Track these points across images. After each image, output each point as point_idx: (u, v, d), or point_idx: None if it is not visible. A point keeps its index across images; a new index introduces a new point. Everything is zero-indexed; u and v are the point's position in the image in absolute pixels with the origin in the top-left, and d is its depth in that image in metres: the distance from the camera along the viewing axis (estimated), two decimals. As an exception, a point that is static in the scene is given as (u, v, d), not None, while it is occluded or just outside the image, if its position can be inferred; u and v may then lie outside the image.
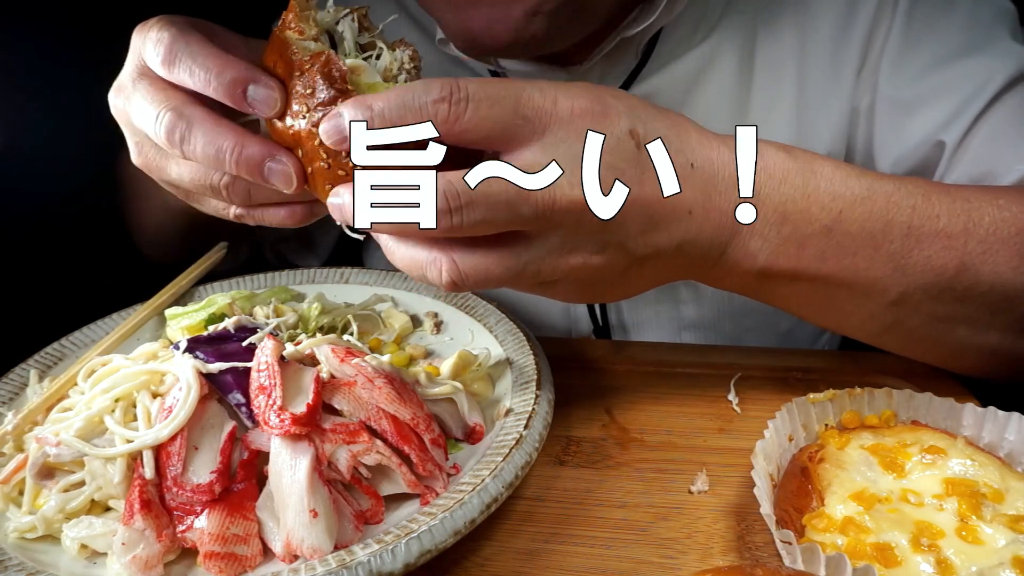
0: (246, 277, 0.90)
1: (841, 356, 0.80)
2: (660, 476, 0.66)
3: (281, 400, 0.57)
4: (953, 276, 0.64)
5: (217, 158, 0.56)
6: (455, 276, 0.54)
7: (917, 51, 0.83)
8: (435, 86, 0.51)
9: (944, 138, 0.80)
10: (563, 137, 0.53)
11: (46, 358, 0.78)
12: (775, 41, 0.89)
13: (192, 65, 0.55)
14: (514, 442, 0.61)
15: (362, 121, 0.51)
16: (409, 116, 0.51)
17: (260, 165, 0.56)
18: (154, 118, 0.57)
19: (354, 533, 0.56)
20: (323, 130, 0.52)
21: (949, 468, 0.56)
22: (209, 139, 0.56)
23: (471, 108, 0.51)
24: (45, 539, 0.59)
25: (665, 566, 0.57)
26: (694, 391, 0.76)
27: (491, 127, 0.52)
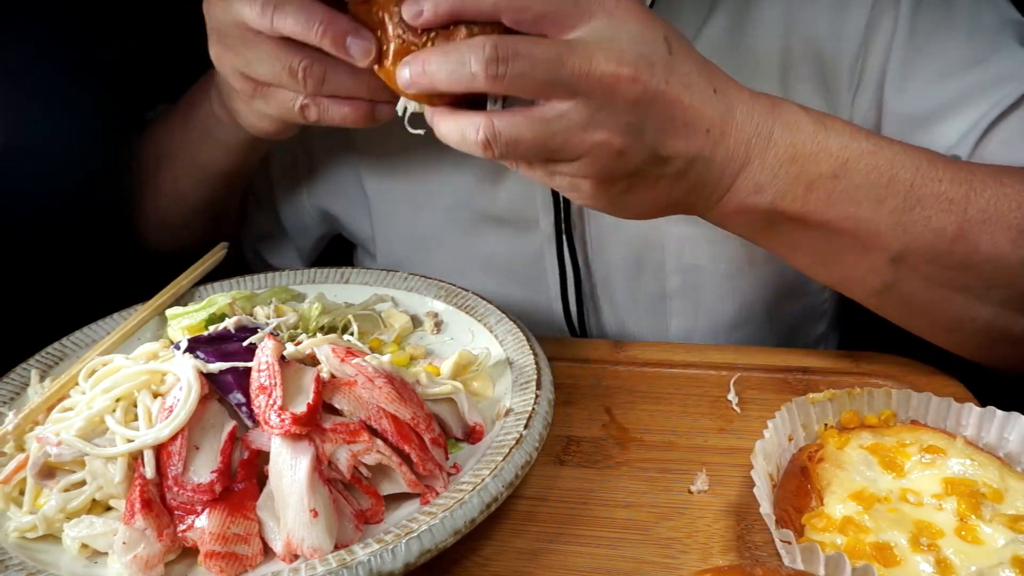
0: (246, 277, 0.90)
1: (841, 356, 0.80)
2: (660, 476, 0.66)
3: (281, 400, 0.57)
4: (952, 240, 0.66)
5: (307, 27, 0.62)
6: (490, 134, 0.59)
7: (921, 65, 0.82)
8: None
9: (958, 153, 0.80)
10: (608, 24, 0.59)
11: (47, 358, 0.78)
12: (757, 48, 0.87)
13: (297, 13, 0.63)
14: (514, 442, 0.61)
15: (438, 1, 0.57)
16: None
17: (343, 37, 0.62)
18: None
19: (354, 533, 0.57)
20: (405, 9, 0.59)
21: (948, 468, 0.56)
22: (301, 9, 0.62)
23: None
24: (46, 539, 0.59)
25: (665, 566, 0.57)
26: (694, 391, 0.76)
27: (546, 6, 0.57)
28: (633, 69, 0.58)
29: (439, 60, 0.58)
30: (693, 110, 0.62)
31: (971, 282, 0.68)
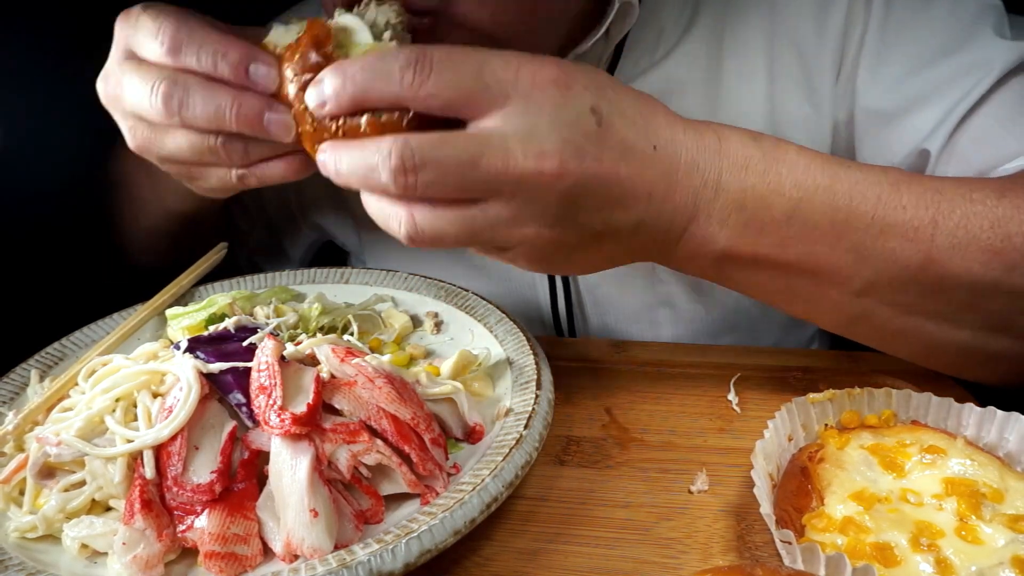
0: (246, 277, 0.90)
1: (841, 356, 0.80)
2: (660, 476, 0.66)
3: (281, 400, 0.57)
4: (919, 269, 0.63)
5: (217, 115, 0.58)
6: (411, 231, 0.56)
7: (894, 57, 0.80)
8: (403, 53, 0.53)
9: (928, 147, 0.79)
10: (524, 108, 0.54)
11: (46, 358, 0.78)
12: (742, 56, 0.86)
13: (199, 49, 0.58)
14: (514, 442, 0.61)
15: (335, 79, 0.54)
16: (378, 82, 0.53)
17: (259, 117, 0.58)
18: (149, 90, 0.58)
19: (354, 533, 0.56)
20: (307, 96, 0.55)
21: (949, 468, 0.56)
22: (207, 98, 0.58)
23: (434, 76, 0.53)
24: (46, 539, 0.59)
25: (666, 566, 0.57)
26: (694, 391, 0.76)
27: (453, 93, 0.53)
28: (557, 161, 0.54)
29: (348, 161, 0.55)
30: (631, 180, 0.58)
31: (943, 308, 0.66)
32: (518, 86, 0.54)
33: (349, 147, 0.55)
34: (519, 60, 0.55)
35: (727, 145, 0.62)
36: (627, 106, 0.59)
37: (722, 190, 0.61)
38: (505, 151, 0.53)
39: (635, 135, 0.58)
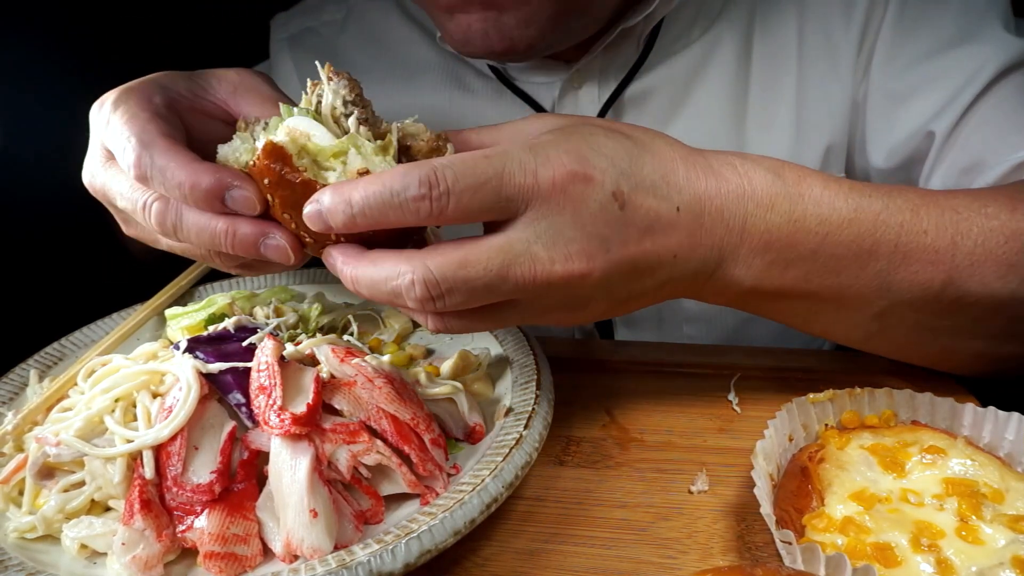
0: (246, 277, 0.90)
1: (841, 356, 0.80)
2: (660, 476, 0.66)
3: (281, 400, 0.57)
4: (940, 290, 0.65)
5: (212, 240, 0.57)
6: (440, 328, 0.57)
7: (909, 41, 0.84)
8: (413, 178, 0.51)
9: (934, 128, 0.81)
10: (545, 212, 0.54)
11: (46, 358, 0.78)
12: (774, 33, 0.90)
13: (164, 181, 0.55)
14: (514, 442, 0.61)
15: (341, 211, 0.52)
16: (391, 214, 0.51)
17: (255, 244, 0.57)
18: (142, 206, 0.58)
19: (354, 533, 0.56)
20: (306, 216, 0.53)
21: (949, 468, 0.56)
22: (202, 226, 0.57)
23: (453, 201, 0.51)
24: (45, 539, 0.59)
25: (665, 566, 0.57)
26: (694, 391, 0.76)
27: (476, 214, 0.53)
28: (585, 260, 0.55)
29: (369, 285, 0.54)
30: (656, 250, 0.59)
31: (960, 322, 0.67)
32: (538, 190, 0.53)
33: (365, 264, 0.54)
34: (535, 162, 0.54)
35: (751, 186, 0.62)
36: (647, 175, 0.59)
37: (747, 235, 0.62)
38: (532, 258, 0.53)
39: (658, 203, 0.58)
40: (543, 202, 0.54)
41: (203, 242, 0.57)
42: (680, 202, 0.60)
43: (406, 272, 0.52)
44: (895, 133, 0.85)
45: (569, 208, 0.54)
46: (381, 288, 0.53)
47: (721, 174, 0.62)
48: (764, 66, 0.90)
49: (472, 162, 0.52)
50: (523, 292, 0.54)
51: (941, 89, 0.81)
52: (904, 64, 0.84)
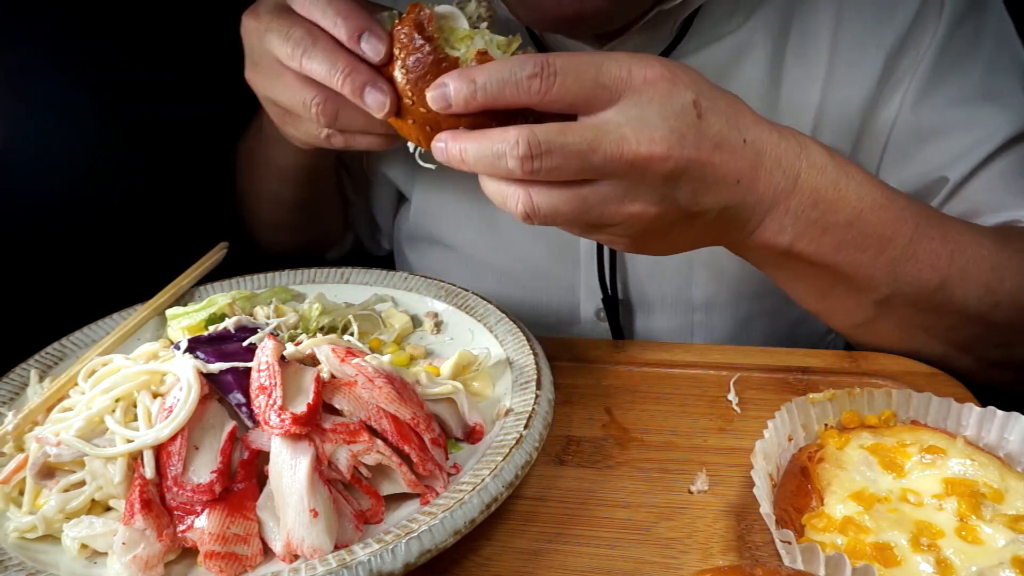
0: (246, 277, 0.90)
1: (841, 356, 0.80)
2: (660, 476, 0.66)
3: (281, 400, 0.57)
4: (933, 291, 0.73)
5: (330, 73, 0.65)
6: (529, 208, 0.62)
7: (942, 85, 0.87)
8: (528, 62, 0.58)
9: (948, 175, 0.87)
10: (635, 101, 0.61)
11: (46, 358, 0.78)
12: (808, 33, 0.91)
13: (326, 7, 0.65)
14: (514, 442, 0.61)
15: (465, 88, 0.59)
16: (507, 90, 0.59)
17: (363, 86, 0.64)
18: (285, 34, 0.67)
19: (354, 533, 0.56)
20: (430, 97, 0.60)
21: (949, 468, 0.56)
22: (327, 56, 0.65)
23: (558, 82, 0.59)
24: (45, 539, 0.59)
25: (666, 566, 0.57)
26: (694, 391, 0.76)
27: (575, 97, 0.60)
28: (665, 147, 0.61)
29: (475, 151, 0.60)
30: (724, 167, 0.64)
31: (935, 325, 0.77)
32: (631, 82, 0.60)
33: (474, 137, 0.60)
34: (630, 60, 0.61)
35: (806, 150, 0.69)
36: (721, 103, 0.65)
37: (799, 188, 0.68)
38: (620, 138, 0.60)
39: (728, 128, 0.65)
40: (634, 92, 0.60)
41: (322, 73, 0.65)
42: (747, 136, 0.66)
43: (512, 135, 0.58)
44: (910, 167, 0.90)
45: (656, 101, 0.61)
46: (486, 151, 0.59)
47: (783, 132, 0.69)
48: (797, 65, 0.91)
49: (577, 56, 0.60)
50: (609, 167, 0.60)
51: (962, 139, 0.86)
52: (933, 105, 0.88)
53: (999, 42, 0.89)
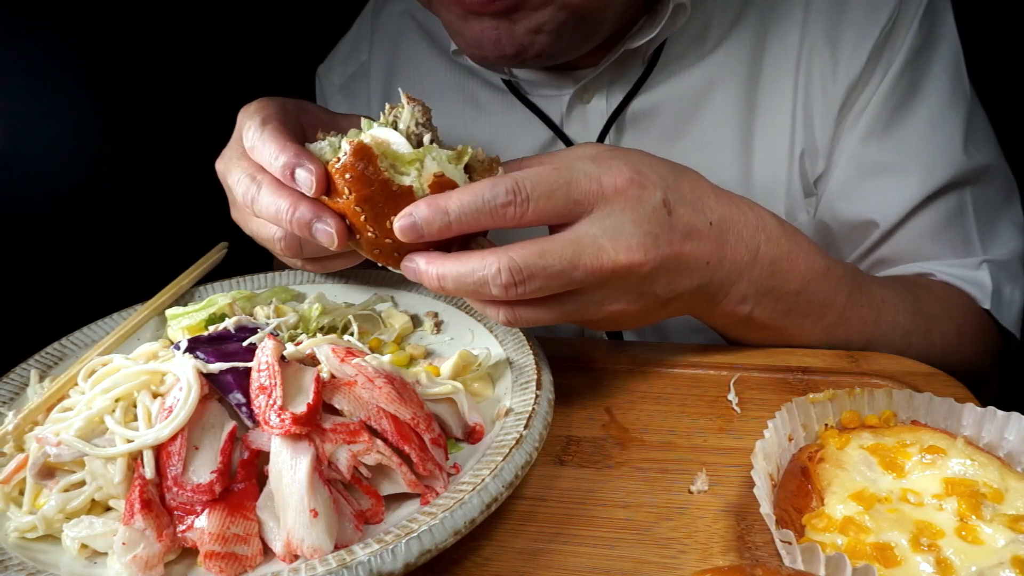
0: (246, 277, 0.90)
1: (841, 356, 0.80)
2: (660, 476, 0.66)
3: (281, 400, 0.57)
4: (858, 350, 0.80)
5: (276, 215, 0.66)
6: (511, 320, 0.65)
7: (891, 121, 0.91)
8: (499, 187, 0.60)
9: (879, 220, 0.93)
10: (608, 212, 0.64)
11: (46, 358, 0.78)
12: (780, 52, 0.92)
13: (262, 149, 0.67)
14: (514, 442, 0.61)
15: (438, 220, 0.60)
16: (482, 219, 0.61)
17: (309, 224, 0.65)
18: (236, 181, 0.69)
19: (354, 533, 0.56)
20: (398, 228, 0.61)
21: (949, 468, 0.56)
22: (271, 200, 0.66)
23: (532, 206, 0.61)
24: (45, 539, 0.59)
25: (665, 566, 0.57)
26: (694, 391, 0.76)
27: (549, 217, 0.62)
28: (642, 253, 0.64)
29: (455, 278, 0.62)
30: (694, 254, 0.68)
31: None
32: (603, 194, 0.63)
33: (452, 263, 0.62)
34: (599, 171, 0.64)
35: (763, 221, 0.74)
36: (686, 190, 0.69)
37: (759, 259, 0.73)
38: (598, 249, 0.62)
39: (695, 216, 0.68)
40: (606, 203, 0.63)
41: (270, 216, 0.67)
42: (712, 219, 0.70)
43: (492, 263, 0.60)
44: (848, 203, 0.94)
45: (629, 208, 0.64)
46: (467, 280, 0.61)
47: (740, 205, 0.73)
48: (770, 89, 0.93)
49: (545, 173, 0.62)
50: (590, 280, 0.63)
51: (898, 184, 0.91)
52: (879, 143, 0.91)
53: (951, 77, 0.92)
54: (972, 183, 0.92)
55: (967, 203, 0.93)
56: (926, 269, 0.94)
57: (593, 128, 0.97)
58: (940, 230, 0.93)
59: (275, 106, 0.72)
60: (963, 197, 0.92)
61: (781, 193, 0.96)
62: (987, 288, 0.92)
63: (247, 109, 0.73)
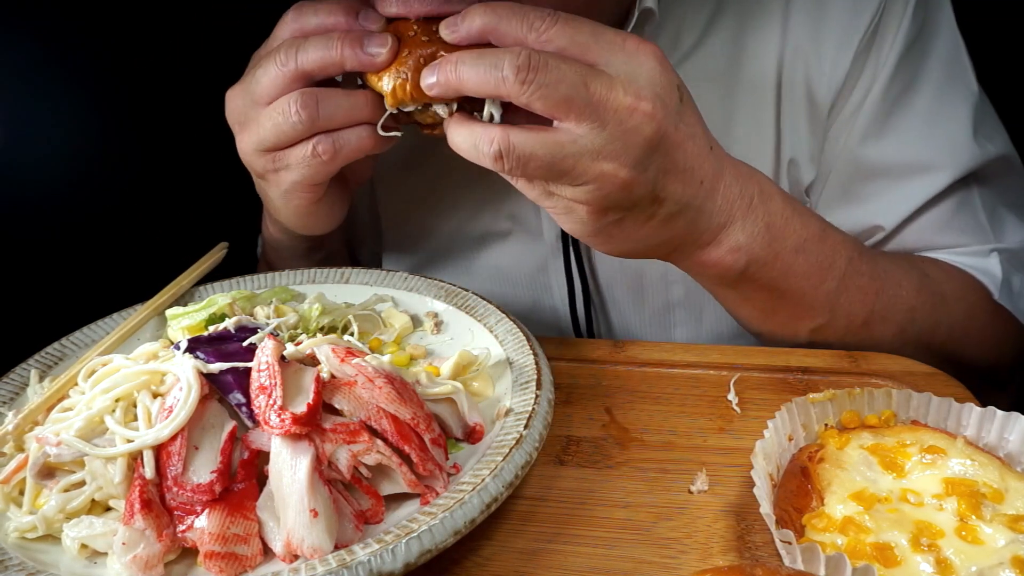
0: (246, 277, 0.90)
1: (841, 356, 0.80)
2: (660, 476, 0.66)
3: (281, 400, 0.57)
4: (859, 326, 0.79)
5: (327, 45, 0.67)
6: (504, 146, 0.61)
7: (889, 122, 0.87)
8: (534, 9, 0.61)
9: (883, 224, 0.89)
10: (627, 60, 0.62)
11: (46, 358, 0.78)
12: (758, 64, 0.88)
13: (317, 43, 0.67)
14: (514, 442, 0.61)
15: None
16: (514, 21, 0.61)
17: (361, 40, 0.66)
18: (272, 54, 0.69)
19: (354, 533, 0.56)
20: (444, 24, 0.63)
21: (949, 468, 0.56)
22: (320, 39, 0.67)
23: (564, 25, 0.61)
24: (45, 539, 0.59)
25: (665, 566, 0.57)
26: (694, 391, 0.76)
27: (573, 43, 0.61)
28: (651, 105, 0.61)
29: (472, 61, 0.61)
30: (693, 159, 0.66)
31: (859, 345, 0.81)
32: (625, 46, 0.62)
33: (471, 53, 0.61)
34: (626, 33, 0.64)
35: (757, 177, 0.72)
36: (696, 108, 0.68)
37: (753, 209, 0.71)
38: (611, 83, 0.61)
39: (700, 128, 0.67)
40: (627, 54, 0.62)
41: (319, 50, 0.67)
42: (712, 145, 0.68)
43: (515, 48, 0.60)
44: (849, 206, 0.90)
45: (647, 68, 0.62)
46: (485, 60, 0.60)
47: (736, 161, 0.72)
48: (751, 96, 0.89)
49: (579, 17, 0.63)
50: (595, 110, 0.60)
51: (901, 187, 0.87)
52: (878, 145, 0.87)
53: (950, 70, 0.86)
54: (981, 175, 0.87)
55: (975, 197, 0.88)
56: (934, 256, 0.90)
57: None
58: (948, 223, 0.89)
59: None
60: (970, 192, 0.88)
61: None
62: (996, 277, 0.88)
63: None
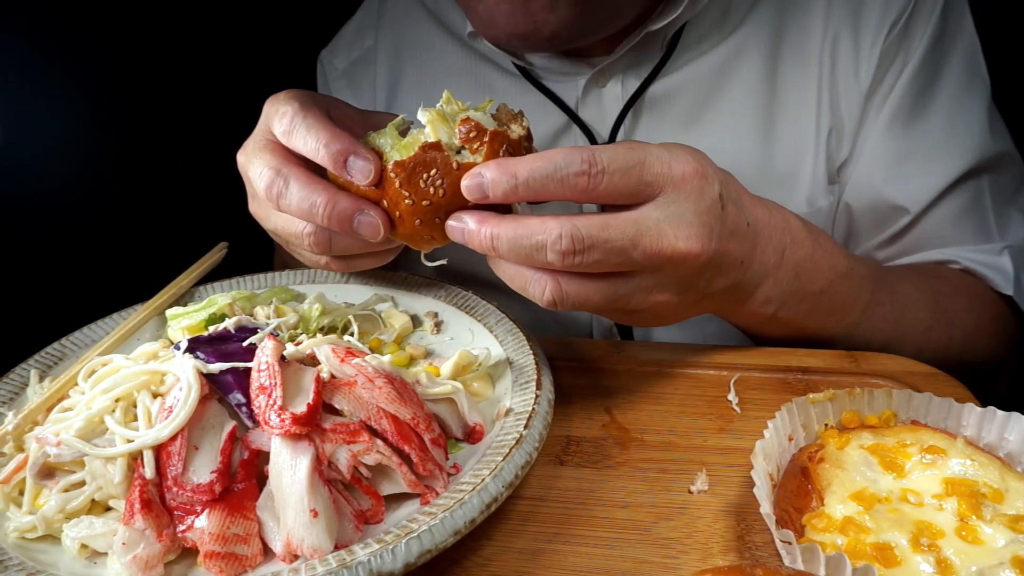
0: (246, 277, 0.90)
1: (841, 356, 0.80)
2: (660, 476, 0.66)
3: (281, 400, 0.57)
4: (878, 348, 0.81)
5: (310, 211, 0.65)
6: (557, 296, 0.62)
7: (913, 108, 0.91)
8: (576, 158, 0.59)
9: (909, 207, 0.93)
10: (674, 198, 0.63)
11: (46, 358, 0.78)
12: (803, 38, 0.92)
13: (306, 136, 0.65)
14: (514, 442, 0.61)
15: (505, 182, 0.59)
16: (551, 187, 0.59)
17: (350, 218, 0.64)
18: (258, 174, 0.67)
19: (354, 533, 0.56)
20: (465, 186, 0.60)
21: (949, 468, 0.56)
22: (302, 195, 0.65)
23: (606, 180, 0.59)
24: (45, 539, 0.59)
25: (665, 566, 0.57)
26: (694, 391, 0.76)
27: (620, 194, 0.61)
28: (699, 243, 0.63)
29: (510, 240, 0.59)
30: (735, 252, 0.68)
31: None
32: (671, 178, 0.62)
33: (509, 224, 0.60)
34: (669, 156, 0.63)
35: (789, 224, 0.74)
36: (733, 189, 0.69)
37: (785, 261, 0.73)
38: (660, 233, 0.61)
39: (739, 216, 0.68)
40: (674, 189, 0.62)
41: (302, 211, 0.65)
42: (748, 219, 0.70)
43: (554, 228, 0.58)
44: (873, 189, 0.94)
45: (692, 198, 0.63)
46: (524, 242, 0.59)
47: (769, 207, 0.73)
48: (793, 70, 0.93)
49: (621, 149, 0.61)
50: (646, 262, 0.62)
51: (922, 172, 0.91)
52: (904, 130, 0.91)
53: (970, 67, 0.92)
54: (989, 170, 0.93)
55: (985, 190, 0.93)
56: (950, 256, 0.94)
57: (609, 112, 0.96)
58: (962, 216, 0.93)
59: (308, 96, 0.70)
60: (981, 184, 0.93)
61: (803, 178, 0.95)
62: (1009, 274, 0.92)
63: (276, 98, 0.71)
